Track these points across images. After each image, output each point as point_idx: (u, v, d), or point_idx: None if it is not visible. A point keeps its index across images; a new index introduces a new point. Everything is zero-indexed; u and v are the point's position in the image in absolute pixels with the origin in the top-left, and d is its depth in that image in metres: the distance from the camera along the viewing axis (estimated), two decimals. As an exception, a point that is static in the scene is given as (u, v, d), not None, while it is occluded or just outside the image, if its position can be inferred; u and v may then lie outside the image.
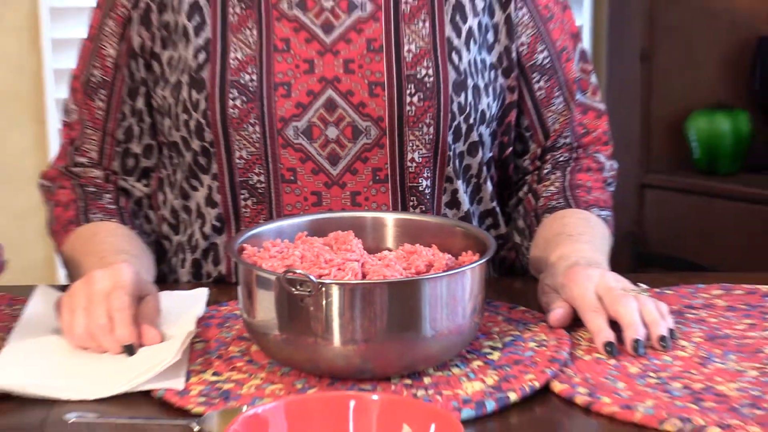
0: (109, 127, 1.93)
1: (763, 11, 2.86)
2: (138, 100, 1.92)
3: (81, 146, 1.95)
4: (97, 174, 1.94)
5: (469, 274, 1.51)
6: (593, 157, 1.94)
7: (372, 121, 1.82)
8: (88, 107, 1.94)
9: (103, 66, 1.92)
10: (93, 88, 1.93)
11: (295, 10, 1.84)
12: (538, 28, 1.91)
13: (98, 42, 1.93)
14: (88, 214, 1.88)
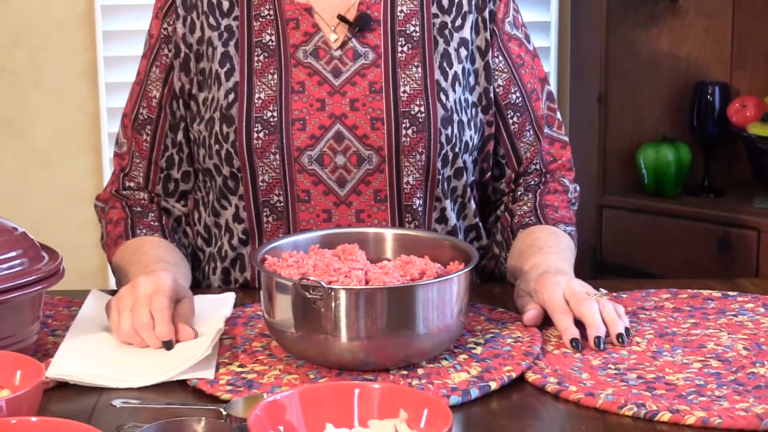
0: (154, 156, 1.91)
1: (700, 60, 2.88)
2: (178, 134, 1.91)
3: (130, 173, 1.93)
4: (143, 196, 1.92)
5: (456, 280, 1.49)
6: (559, 181, 1.92)
7: (373, 151, 1.80)
8: (136, 140, 1.92)
9: (149, 106, 1.91)
10: (141, 124, 1.92)
11: (310, 58, 1.83)
12: (512, 73, 1.90)
13: (145, 86, 1.92)
14: (135, 230, 1.87)
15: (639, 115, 2.89)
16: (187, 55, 1.87)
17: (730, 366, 1.49)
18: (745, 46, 2.88)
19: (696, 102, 2.83)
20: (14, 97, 3.01)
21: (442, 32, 1.85)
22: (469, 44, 1.87)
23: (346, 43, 1.84)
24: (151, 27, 1.91)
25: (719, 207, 2.75)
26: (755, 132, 2.67)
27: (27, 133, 3.02)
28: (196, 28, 1.87)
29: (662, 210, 2.79)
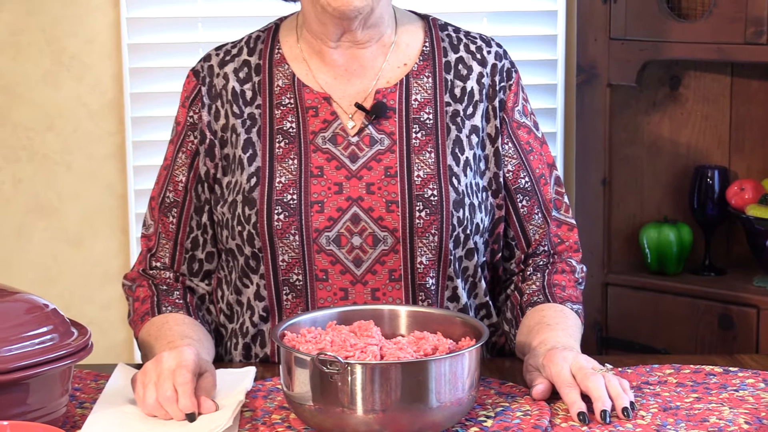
0: (179, 238, 1.92)
1: (699, 145, 2.88)
2: (203, 216, 1.91)
3: (156, 253, 1.93)
4: (168, 275, 1.92)
5: (467, 356, 1.49)
6: (567, 262, 1.91)
7: (389, 232, 1.80)
8: (163, 222, 1.93)
9: (176, 190, 1.92)
10: (167, 206, 1.92)
11: (328, 144, 1.84)
12: (521, 159, 1.90)
13: (172, 170, 1.92)
14: (161, 307, 1.87)
15: (642, 197, 2.89)
16: (212, 142, 1.88)
17: (732, 439, 1.48)
18: (743, 132, 2.89)
19: (696, 185, 2.83)
20: (47, 179, 3.02)
21: (455, 120, 1.86)
22: (480, 131, 1.87)
23: (363, 130, 1.84)
24: (178, 115, 1.92)
25: (720, 285, 2.74)
26: (753, 214, 2.67)
27: (58, 213, 3.03)
28: (220, 116, 1.88)
29: (665, 288, 2.77)
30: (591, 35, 2.78)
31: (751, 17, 2.55)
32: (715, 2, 2.61)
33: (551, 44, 3.00)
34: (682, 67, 2.86)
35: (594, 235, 2.79)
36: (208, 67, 1.91)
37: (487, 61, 1.91)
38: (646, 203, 2.89)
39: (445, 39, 1.92)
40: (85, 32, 2.98)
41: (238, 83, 1.89)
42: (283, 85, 1.88)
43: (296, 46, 1.91)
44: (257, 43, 1.92)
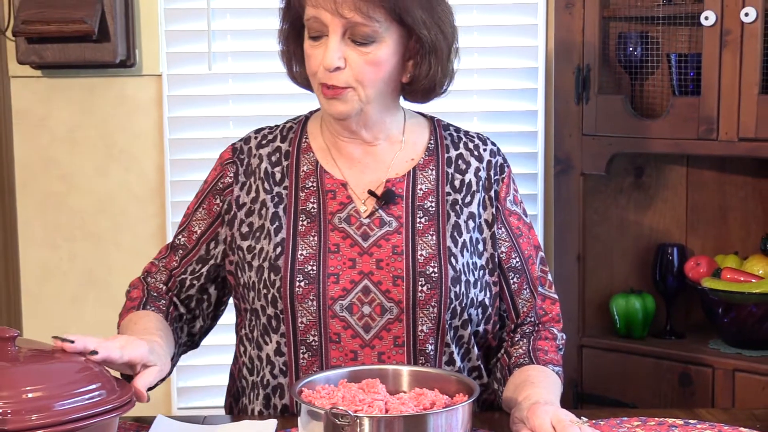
0: (175, 272, 1.93)
1: (660, 226, 2.90)
2: (202, 268, 1.92)
3: (155, 274, 1.95)
4: (161, 286, 1.93)
5: (460, 409, 1.47)
6: (549, 330, 1.91)
7: (394, 303, 1.79)
8: (168, 257, 1.95)
9: (189, 237, 1.93)
10: (176, 247, 1.94)
11: (343, 224, 1.83)
12: (513, 242, 1.90)
13: (190, 220, 1.94)
14: (146, 306, 1.88)
15: (611, 271, 2.90)
16: (236, 214, 1.88)
17: (694, 484, 1.46)
18: (697, 214, 2.90)
19: (658, 260, 2.83)
20: (98, 256, 3.02)
21: (454, 207, 1.86)
22: (476, 217, 1.87)
23: (374, 213, 1.84)
24: (209, 175, 1.94)
25: (680, 347, 2.73)
26: (708, 285, 2.67)
27: (108, 286, 3.02)
28: (252, 190, 1.88)
29: (632, 350, 2.77)
30: (566, 132, 2.79)
31: (703, 117, 2.56)
32: (672, 103, 2.62)
33: (532, 139, 3.01)
34: (645, 159, 2.88)
35: (570, 303, 2.79)
36: (248, 149, 1.92)
37: (484, 157, 1.91)
38: (615, 276, 2.90)
39: (447, 137, 1.92)
40: (133, 129, 2.99)
41: (270, 165, 1.89)
42: (308, 170, 1.88)
43: (320, 137, 1.91)
44: (289, 132, 1.93)
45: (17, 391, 1.40)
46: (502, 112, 3.00)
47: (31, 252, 3.02)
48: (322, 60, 1.75)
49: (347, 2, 1.73)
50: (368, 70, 1.77)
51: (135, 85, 2.98)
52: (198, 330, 1.96)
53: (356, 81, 1.77)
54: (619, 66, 2.77)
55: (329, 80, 1.76)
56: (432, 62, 1.83)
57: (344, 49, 1.75)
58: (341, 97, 1.78)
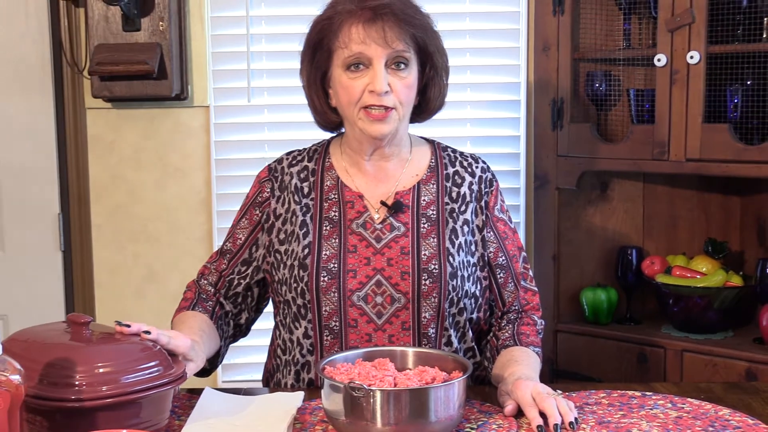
0: (224, 273, 1.91)
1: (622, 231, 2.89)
2: (247, 269, 1.90)
3: (207, 276, 1.94)
4: (210, 289, 1.92)
5: (457, 384, 1.47)
6: (531, 317, 1.90)
7: (402, 294, 1.79)
8: (218, 261, 1.93)
9: (234, 243, 1.92)
10: (224, 252, 1.93)
11: (360, 229, 1.83)
12: (499, 243, 1.89)
13: (235, 229, 1.93)
14: (195, 307, 1.87)
15: (581, 269, 2.88)
16: (273, 223, 1.88)
17: (650, 445, 1.45)
18: (652, 221, 2.89)
19: (620, 259, 2.82)
20: (155, 254, 3.02)
21: (452, 215, 1.85)
22: (470, 223, 1.86)
23: (385, 220, 1.84)
24: (250, 190, 1.94)
25: (637, 332, 2.72)
26: (661, 281, 2.66)
27: (164, 280, 3.01)
28: (285, 202, 1.88)
29: (598, 334, 2.76)
30: (544, 153, 2.78)
31: (657, 141, 2.55)
32: (632, 130, 2.62)
33: (516, 159, 3.00)
34: (609, 175, 2.87)
35: (547, 295, 2.78)
36: (281, 168, 1.92)
37: (476, 173, 1.91)
38: (584, 273, 2.88)
39: (445, 157, 1.92)
40: (186, 151, 2.99)
41: (299, 181, 1.89)
42: (330, 184, 1.88)
43: (341, 157, 1.91)
44: (314, 154, 1.93)
45: (90, 366, 1.41)
46: (491, 137, 2.99)
47: (102, 252, 3.02)
48: (372, 85, 1.74)
49: (394, 35, 1.73)
50: (406, 92, 1.77)
51: (187, 115, 2.98)
52: (244, 321, 1.95)
53: (399, 102, 1.77)
54: (587, 99, 2.77)
55: (379, 102, 1.75)
56: (442, 85, 1.84)
57: (386, 75, 1.75)
58: (386, 119, 1.77)
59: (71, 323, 1.52)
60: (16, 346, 1.43)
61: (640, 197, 2.88)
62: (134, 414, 1.41)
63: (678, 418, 1.58)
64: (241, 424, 1.55)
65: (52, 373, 1.39)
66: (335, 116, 1.87)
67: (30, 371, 1.35)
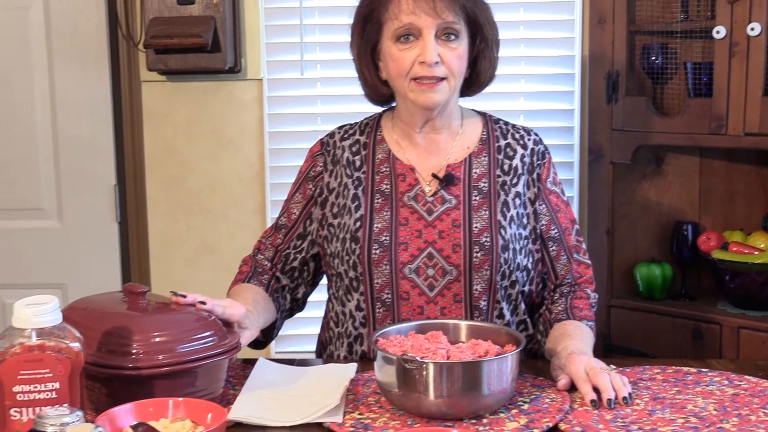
0: (280, 247, 1.93)
1: (677, 206, 2.85)
2: (302, 243, 1.91)
3: (263, 252, 1.95)
4: (266, 263, 1.93)
5: (510, 357, 1.46)
6: (584, 291, 1.88)
7: (454, 267, 1.78)
8: (273, 236, 1.94)
9: (289, 218, 1.93)
10: (279, 227, 1.94)
11: (411, 201, 1.83)
12: (552, 216, 1.87)
13: (289, 203, 1.94)
14: (251, 280, 1.88)
15: (635, 244, 2.85)
16: (326, 197, 1.88)
17: (705, 422, 1.44)
18: (708, 197, 2.85)
19: (675, 235, 2.79)
20: (210, 227, 3.05)
21: (503, 187, 1.84)
22: (522, 196, 1.85)
23: (437, 193, 1.83)
24: (303, 164, 1.94)
25: (693, 308, 2.68)
26: (717, 256, 2.62)
27: (218, 251, 3.05)
28: (337, 176, 1.89)
29: (653, 309, 2.73)
30: (598, 127, 2.75)
31: (714, 115, 2.51)
32: (688, 104, 2.58)
33: (570, 133, 2.97)
34: (664, 150, 2.83)
35: (600, 271, 2.76)
36: (333, 142, 1.92)
37: (528, 145, 1.89)
38: (639, 248, 2.86)
39: (497, 129, 1.91)
40: (239, 124, 3.01)
41: (351, 155, 1.89)
42: (382, 157, 1.88)
43: (392, 131, 1.90)
44: (366, 128, 1.93)
45: (147, 336, 1.43)
46: (544, 110, 2.97)
47: (157, 224, 3.06)
48: (423, 56, 1.73)
49: (443, 5, 1.73)
50: (457, 63, 1.77)
51: (241, 88, 3.00)
52: (301, 296, 1.96)
53: (450, 72, 1.76)
54: (642, 72, 2.73)
55: (429, 73, 1.75)
56: (492, 57, 1.83)
57: (436, 46, 1.75)
58: (437, 88, 1.76)
59: (128, 293, 1.55)
60: (76, 315, 1.46)
61: (697, 172, 2.85)
62: (190, 383, 1.44)
63: (735, 395, 1.56)
64: (295, 394, 1.56)
65: (110, 342, 1.42)
66: (386, 89, 1.87)
67: (89, 339, 1.38)
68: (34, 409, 1.23)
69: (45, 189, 3.06)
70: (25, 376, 1.23)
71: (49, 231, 3.08)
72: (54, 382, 1.23)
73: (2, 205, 3.07)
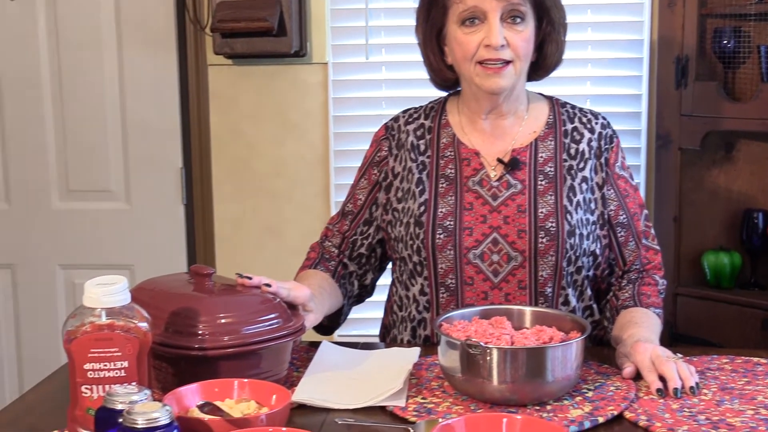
0: (347, 234, 1.93)
1: (747, 194, 2.80)
2: (369, 229, 1.91)
3: (330, 239, 1.95)
4: (333, 250, 1.94)
5: (575, 344, 1.45)
6: (652, 277, 1.86)
7: (519, 252, 1.77)
8: (340, 223, 1.95)
9: (354, 204, 1.93)
10: (345, 213, 1.94)
11: (476, 186, 1.82)
12: (620, 201, 1.85)
13: (354, 189, 1.94)
14: (317, 266, 1.89)
15: (703, 231, 2.81)
16: (391, 182, 1.88)
17: (775, 413, 1.41)
18: (780, 184, 2.80)
19: (745, 222, 2.74)
20: (274, 210, 3.07)
21: (570, 172, 1.82)
22: (589, 180, 1.83)
23: (502, 177, 1.82)
24: (368, 150, 1.94)
25: (762, 297, 2.64)
26: (788, 245, 2.58)
27: (282, 233, 3.07)
28: (401, 160, 1.88)
29: (720, 298, 2.69)
30: (666, 112, 2.71)
31: (788, 100, 2.46)
32: (761, 89, 2.53)
33: (637, 119, 2.93)
34: (735, 135, 2.77)
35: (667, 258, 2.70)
36: (397, 126, 1.92)
37: (595, 129, 1.87)
38: (707, 235, 2.81)
39: (564, 114, 1.89)
40: (304, 107, 3.02)
41: (416, 139, 1.89)
42: (447, 142, 1.87)
43: (457, 115, 1.89)
44: (431, 111, 1.92)
45: (213, 317, 1.44)
46: (611, 95, 2.93)
47: (222, 206, 3.09)
48: (488, 39, 1.72)
49: None
50: (523, 46, 1.75)
51: (306, 72, 3.01)
52: (369, 281, 1.96)
53: (515, 56, 1.75)
54: (713, 56, 2.68)
55: (495, 56, 1.73)
56: (560, 41, 1.82)
57: (502, 29, 1.73)
58: (503, 73, 1.75)
59: (194, 274, 1.56)
60: (144, 295, 1.48)
61: (768, 157, 2.80)
62: (254, 364, 1.45)
63: (805, 386, 1.54)
64: (358, 377, 1.57)
65: (176, 322, 1.44)
66: (451, 73, 1.86)
67: (156, 319, 1.39)
68: (104, 386, 1.25)
69: (114, 171, 3.11)
70: (96, 354, 1.25)
71: (118, 212, 3.13)
72: (123, 361, 1.26)
73: (73, 186, 3.13)
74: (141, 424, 1.09)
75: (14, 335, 3.23)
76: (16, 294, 3.21)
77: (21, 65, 3.08)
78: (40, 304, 3.20)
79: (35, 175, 3.14)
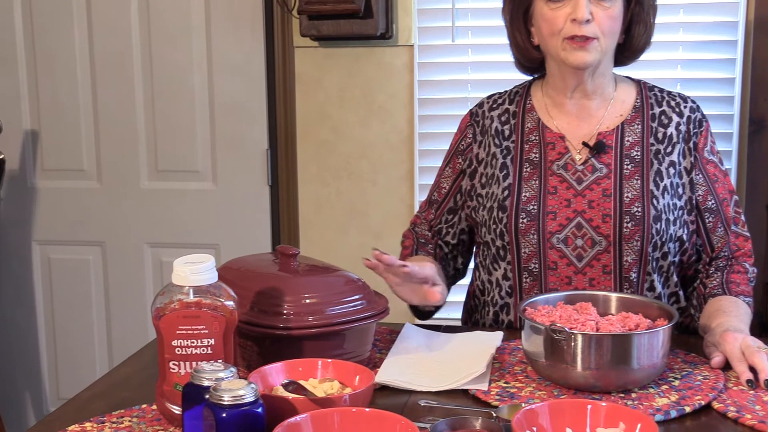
0: (433, 223, 1.95)
1: None
2: (454, 218, 1.93)
3: (420, 226, 1.98)
4: (427, 233, 1.96)
5: (661, 332, 1.43)
6: (741, 265, 1.82)
7: (603, 237, 1.75)
8: (426, 211, 1.97)
9: (439, 193, 1.94)
10: (431, 202, 1.96)
11: (561, 170, 1.81)
12: (709, 186, 1.81)
13: (440, 178, 1.95)
14: (418, 251, 1.91)
15: (796, 220, 2.74)
16: (476, 168, 1.88)
17: None
18: None
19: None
20: (359, 191, 3.09)
21: (657, 156, 1.80)
22: (676, 165, 1.80)
23: (587, 161, 1.80)
24: (453, 137, 1.95)
25: None
26: None
27: (366, 216, 3.08)
28: (486, 146, 1.88)
29: (813, 289, 2.62)
30: (761, 96, 2.65)
31: None
32: None
33: (729, 103, 2.86)
34: (833, 121, 2.70)
35: (758, 246, 2.66)
36: (482, 112, 1.92)
37: (684, 113, 1.83)
38: (800, 224, 2.74)
39: (652, 97, 1.86)
40: (390, 90, 3.02)
41: (500, 124, 1.88)
42: (531, 126, 1.86)
43: (542, 99, 1.88)
44: (515, 96, 1.91)
45: (297, 297, 1.46)
46: (703, 79, 2.87)
47: (307, 188, 3.12)
48: (574, 13, 1.71)
49: None
50: (609, 23, 1.73)
51: (392, 54, 3.01)
52: (461, 264, 1.98)
53: (601, 32, 1.73)
54: (812, 38, 2.60)
55: (580, 32, 1.72)
56: (649, 23, 1.79)
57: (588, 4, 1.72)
58: (588, 47, 1.73)
59: (280, 254, 1.58)
60: (230, 274, 1.50)
61: None
62: (338, 345, 1.47)
63: None
64: (441, 360, 1.57)
65: (262, 301, 1.46)
66: (537, 53, 1.84)
67: (242, 298, 1.42)
68: (191, 363, 1.28)
69: (201, 151, 3.16)
70: (183, 331, 1.28)
71: (204, 192, 3.18)
72: (209, 338, 1.28)
73: (161, 166, 3.20)
74: (227, 401, 1.12)
75: (104, 310, 3.32)
76: (106, 271, 3.30)
77: (114, 49, 3.15)
78: (129, 281, 3.28)
79: (125, 156, 3.21)
